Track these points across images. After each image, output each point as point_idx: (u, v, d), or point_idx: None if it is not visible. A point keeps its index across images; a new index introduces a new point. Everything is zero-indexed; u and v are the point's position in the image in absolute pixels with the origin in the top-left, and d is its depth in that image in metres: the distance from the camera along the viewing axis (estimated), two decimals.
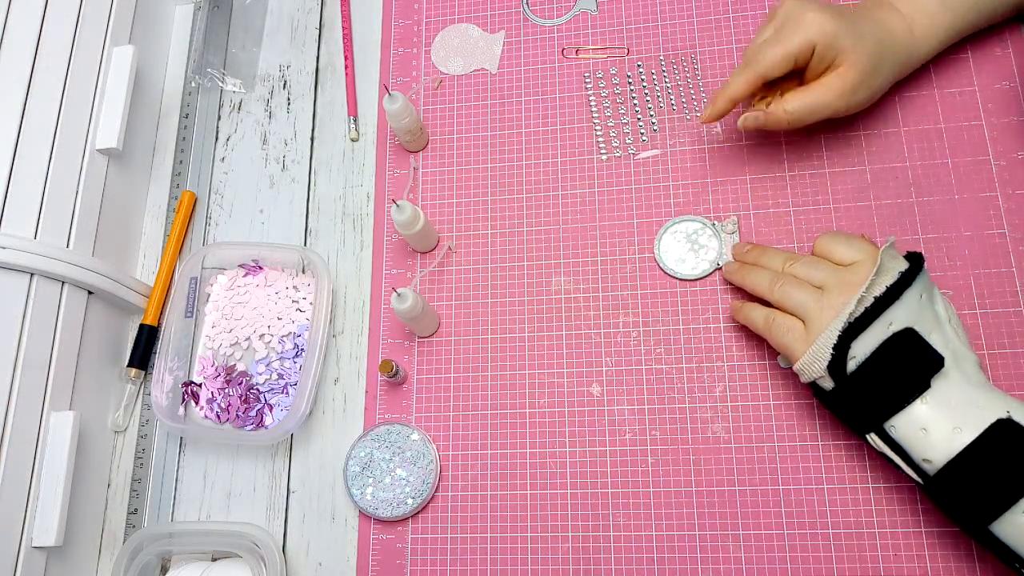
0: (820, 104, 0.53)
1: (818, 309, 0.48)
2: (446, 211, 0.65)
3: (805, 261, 0.52)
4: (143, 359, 0.65)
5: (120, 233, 0.67)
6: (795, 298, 0.50)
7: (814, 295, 0.49)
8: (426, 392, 0.60)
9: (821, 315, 0.48)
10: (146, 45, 0.72)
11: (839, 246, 0.51)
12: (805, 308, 0.49)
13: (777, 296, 0.52)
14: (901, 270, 0.47)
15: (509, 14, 0.70)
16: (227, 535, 0.58)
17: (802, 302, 0.50)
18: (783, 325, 0.50)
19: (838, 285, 0.48)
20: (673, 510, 0.55)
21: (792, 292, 0.50)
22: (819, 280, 0.50)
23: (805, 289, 0.50)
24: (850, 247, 0.50)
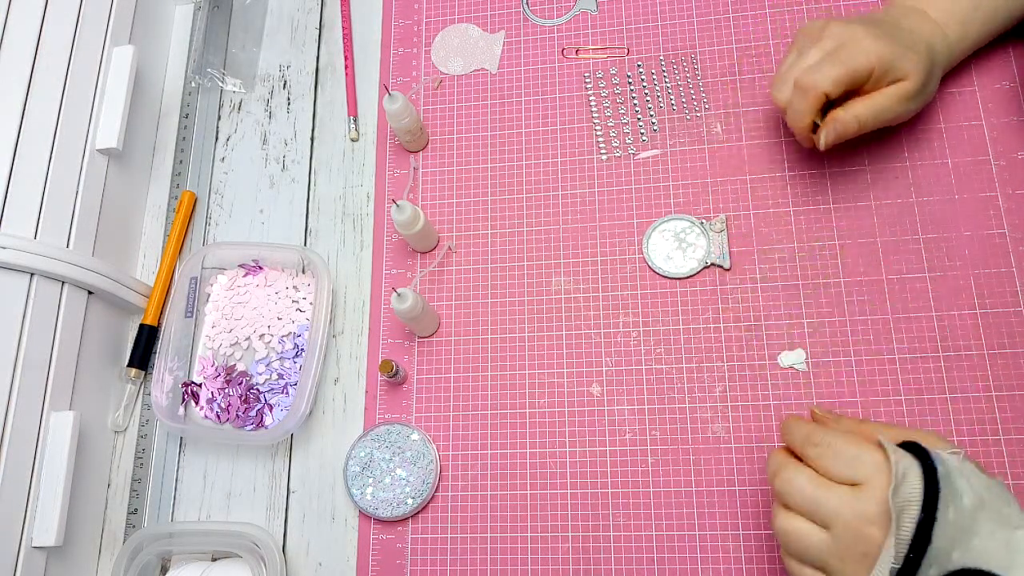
0: (885, 109, 0.53)
1: (838, 562, 0.40)
2: (446, 211, 0.65)
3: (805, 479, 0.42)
4: (143, 359, 0.65)
5: (120, 233, 0.67)
6: (806, 552, 0.42)
7: (825, 544, 0.41)
8: (426, 392, 0.60)
9: (844, 570, 0.40)
10: (146, 45, 0.72)
11: (827, 458, 0.42)
12: (822, 561, 0.41)
13: (781, 541, 0.44)
14: (917, 510, 0.38)
15: (509, 14, 0.70)
16: (227, 535, 0.58)
17: (816, 556, 0.42)
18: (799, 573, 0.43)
19: (851, 530, 0.40)
20: (673, 510, 0.55)
21: (797, 541, 0.42)
22: (824, 517, 0.41)
23: (813, 538, 0.42)
24: (841, 460, 0.42)
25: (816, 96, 0.52)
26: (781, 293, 0.58)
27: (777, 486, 0.44)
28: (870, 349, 0.55)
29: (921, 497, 0.39)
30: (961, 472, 0.40)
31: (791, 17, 0.64)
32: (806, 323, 0.57)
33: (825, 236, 0.58)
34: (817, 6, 0.64)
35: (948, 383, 0.54)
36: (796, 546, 0.42)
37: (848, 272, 0.57)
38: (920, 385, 0.54)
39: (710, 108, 0.63)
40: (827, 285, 0.57)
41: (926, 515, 0.38)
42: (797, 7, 0.64)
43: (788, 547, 0.43)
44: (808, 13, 0.64)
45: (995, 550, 0.39)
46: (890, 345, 0.55)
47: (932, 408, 0.53)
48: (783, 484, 0.43)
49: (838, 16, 0.63)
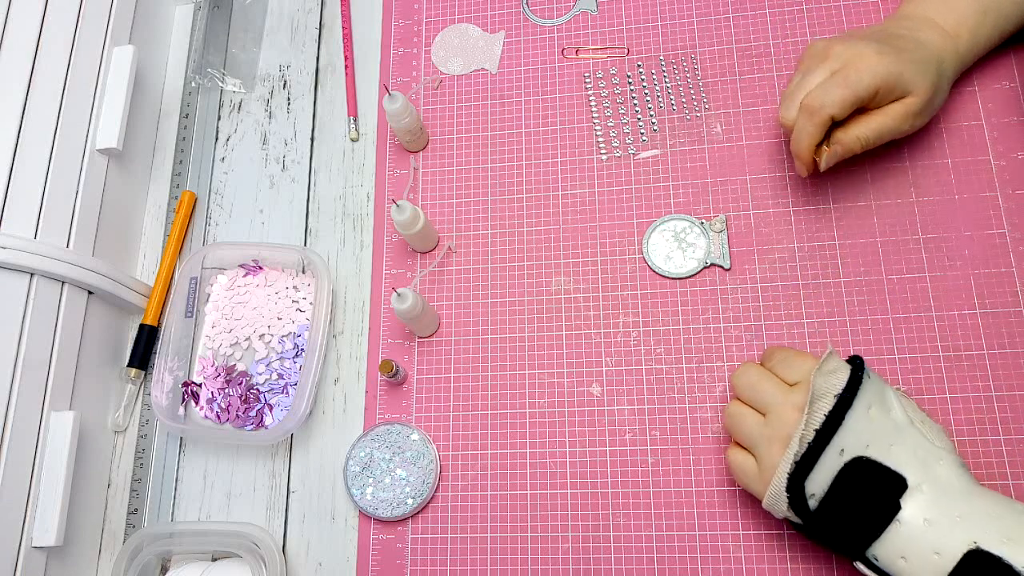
0: (888, 129, 0.52)
1: (765, 443, 0.47)
2: (446, 211, 0.65)
3: (756, 373, 0.50)
4: (143, 359, 0.65)
5: (120, 233, 0.67)
6: (742, 430, 0.49)
7: (758, 426, 0.48)
8: (426, 392, 0.60)
9: (769, 450, 0.47)
10: (146, 45, 0.72)
11: (780, 367, 0.49)
12: (752, 441, 0.48)
13: (727, 424, 0.51)
14: (837, 392, 0.45)
15: (509, 14, 0.70)
16: (227, 535, 0.58)
17: (748, 434, 0.48)
18: (738, 465, 0.49)
19: (779, 413, 0.47)
20: (673, 510, 0.55)
21: (739, 422, 0.49)
22: (763, 403, 0.48)
23: (749, 419, 0.48)
24: (790, 367, 0.49)
25: (822, 119, 0.51)
26: (781, 293, 0.58)
27: (732, 380, 0.51)
28: (870, 349, 0.55)
29: (840, 391, 0.45)
30: (898, 397, 0.47)
31: (791, 17, 0.64)
32: (806, 323, 0.57)
33: (825, 236, 0.58)
34: (817, 6, 0.64)
35: (948, 383, 0.54)
36: (736, 428, 0.49)
37: (848, 272, 0.57)
38: (920, 385, 0.54)
39: (710, 108, 0.63)
40: (827, 285, 0.57)
41: (842, 396, 0.45)
42: (797, 7, 0.64)
43: (731, 429, 0.50)
44: (808, 13, 0.64)
45: (911, 462, 0.44)
46: (890, 345, 0.55)
47: (932, 408, 0.53)
48: (737, 378, 0.51)
49: (839, 22, 0.63)
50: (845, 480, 0.44)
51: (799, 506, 0.45)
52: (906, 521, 0.43)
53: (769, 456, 0.46)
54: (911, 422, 0.46)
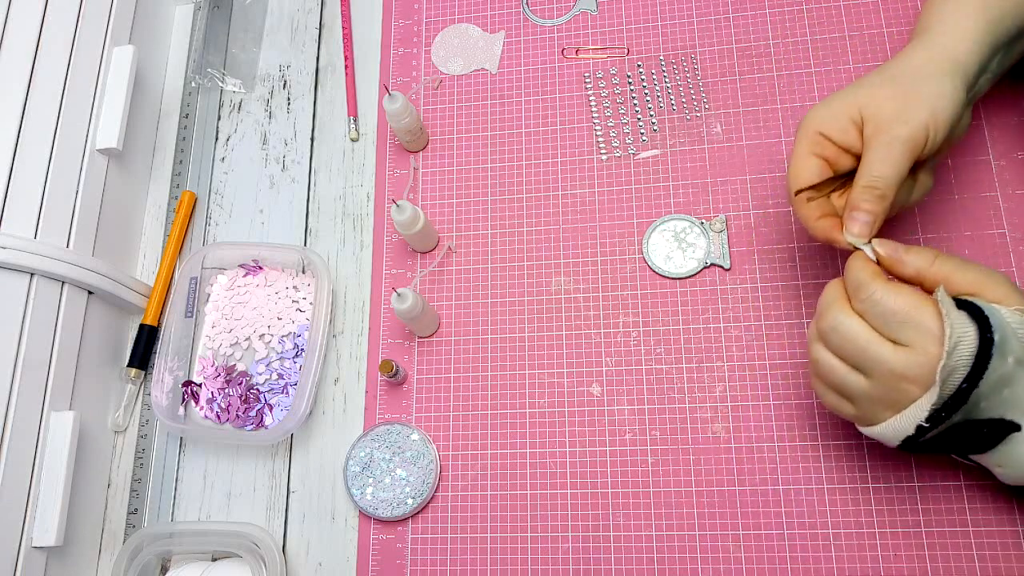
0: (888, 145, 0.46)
1: (868, 404, 0.43)
2: (446, 211, 0.65)
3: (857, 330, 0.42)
4: (143, 359, 0.65)
5: (120, 233, 0.67)
6: (839, 385, 0.44)
7: (859, 386, 0.43)
8: (426, 392, 0.60)
9: (872, 410, 0.43)
10: (146, 45, 0.72)
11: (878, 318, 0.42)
12: (851, 396, 0.44)
13: (815, 371, 0.46)
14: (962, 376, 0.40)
15: (509, 14, 0.70)
16: (227, 535, 0.58)
17: (846, 391, 0.44)
18: (830, 404, 0.46)
19: (887, 385, 0.41)
20: (673, 510, 0.55)
21: (831, 377, 0.44)
22: (864, 366, 0.42)
23: (846, 377, 0.43)
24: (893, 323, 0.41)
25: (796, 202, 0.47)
26: (781, 293, 0.58)
27: (822, 325, 0.44)
28: None
29: (969, 367, 0.40)
30: (1017, 331, 0.41)
31: (791, 17, 0.64)
32: (806, 323, 0.57)
33: None
34: (817, 6, 0.64)
35: None
36: (828, 379, 0.45)
37: None
38: None
39: (710, 108, 0.63)
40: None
41: (968, 384, 0.40)
42: (797, 7, 0.64)
43: (820, 376, 0.45)
44: (808, 13, 0.64)
45: (1018, 405, 0.41)
46: None
47: None
48: (829, 323, 0.43)
49: (839, 22, 0.63)
50: (957, 428, 0.42)
51: (911, 441, 0.43)
52: (1010, 442, 0.42)
53: (872, 410, 0.43)
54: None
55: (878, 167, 0.45)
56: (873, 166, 0.45)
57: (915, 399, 0.41)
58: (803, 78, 0.62)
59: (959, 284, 0.43)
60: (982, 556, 0.50)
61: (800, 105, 0.62)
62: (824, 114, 0.48)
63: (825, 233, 0.47)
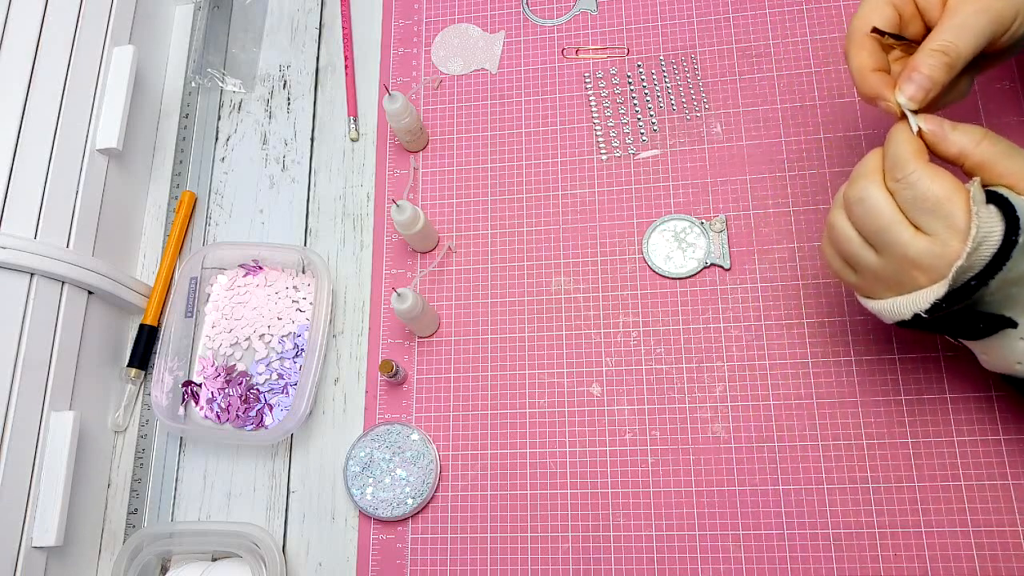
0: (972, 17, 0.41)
1: (872, 279, 0.43)
2: (446, 211, 0.65)
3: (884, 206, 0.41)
4: (143, 359, 0.65)
5: (120, 233, 0.67)
6: (850, 255, 0.43)
7: (869, 261, 0.42)
8: (426, 392, 0.60)
9: (874, 286, 0.43)
10: (146, 45, 0.72)
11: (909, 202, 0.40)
12: (857, 266, 0.43)
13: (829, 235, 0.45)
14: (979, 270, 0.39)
15: (509, 14, 0.70)
16: (227, 535, 0.58)
17: (855, 261, 0.43)
18: (836, 270, 0.45)
19: (900, 267, 0.41)
20: (673, 510, 0.55)
21: (845, 247, 0.43)
22: (880, 243, 0.41)
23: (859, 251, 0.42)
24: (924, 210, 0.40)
25: (855, 43, 0.43)
26: (781, 293, 0.58)
27: (849, 193, 0.42)
28: (870, 348, 0.55)
29: (983, 267, 0.39)
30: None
31: (791, 17, 0.64)
32: (806, 323, 0.57)
33: None
34: (817, 6, 0.64)
35: (948, 383, 0.54)
36: (840, 247, 0.43)
37: None
38: (920, 385, 0.54)
39: (710, 108, 0.63)
40: (827, 285, 0.57)
41: (977, 282, 0.39)
42: (797, 7, 0.64)
43: (832, 241, 0.44)
44: (808, 13, 0.64)
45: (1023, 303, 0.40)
46: (890, 345, 0.55)
47: (932, 408, 0.53)
48: (858, 192, 0.42)
49: (839, 23, 0.63)
50: (954, 315, 0.41)
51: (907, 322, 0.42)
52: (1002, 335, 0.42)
53: (874, 285, 0.43)
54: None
55: (955, 33, 0.41)
56: (950, 32, 0.41)
57: (920, 287, 0.40)
58: (803, 78, 0.62)
59: (1002, 171, 0.40)
60: (982, 556, 0.51)
61: (800, 105, 0.62)
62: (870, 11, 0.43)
63: (875, 89, 0.43)
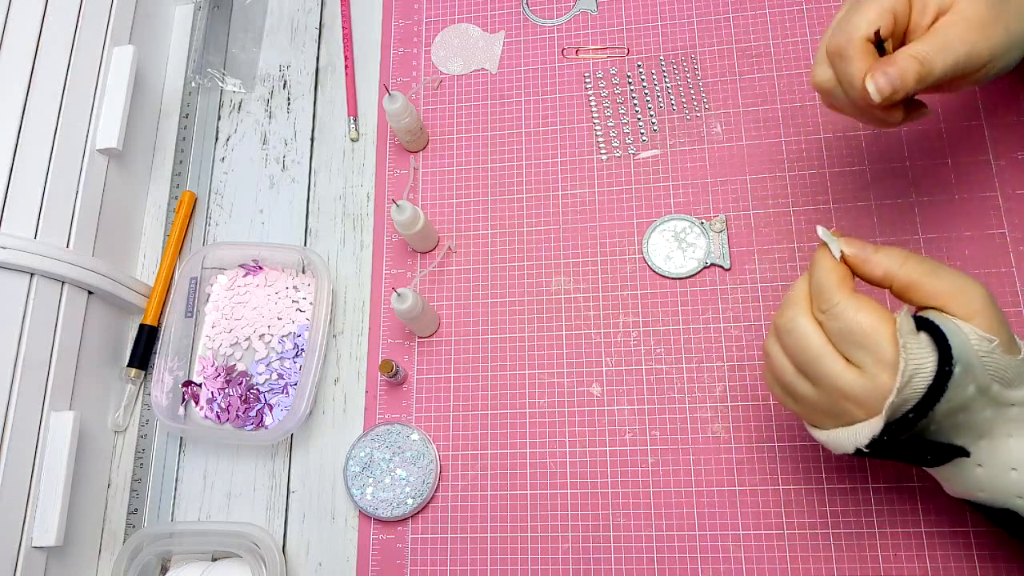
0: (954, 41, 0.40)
1: (812, 411, 0.42)
2: (446, 211, 0.65)
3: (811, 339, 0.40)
4: (143, 359, 0.65)
5: (120, 233, 0.67)
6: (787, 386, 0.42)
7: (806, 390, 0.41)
8: (426, 392, 0.60)
9: (817, 417, 0.42)
10: (146, 45, 0.72)
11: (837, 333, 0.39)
12: (796, 398, 0.42)
13: (767, 364, 0.44)
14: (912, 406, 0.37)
15: (509, 14, 0.70)
16: (227, 535, 0.58)
17: (793, 392, 0.42)
18: (777, 397, 0.44)
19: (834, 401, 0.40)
20: (673, 510, 0.55)
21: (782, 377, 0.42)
22: (812, 375, 0.40)
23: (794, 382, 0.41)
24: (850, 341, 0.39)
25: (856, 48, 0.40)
26: (781, 293, 0.58)
27: (779, 321, 0.41)
28: None
29: (919, 400, 0.37)
30: (982, 357, 0.37)
31: (791, 17, 0.64)
32: None
33: None
34: (817, 6, 0.64)
35: None
36: (776, 375, 0.43)
37: None
38: None
39: (710, 108, 0.63)
40: None
41: (916, 415, 0.37)
42: (797, 7, 0.64)
43: (770, 370, 0.43)
44: (808, 13, 0.64)
45: (977, 423, 0.39)
46: None
47: None
48: (786, 323, 0.41)
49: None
50: (903, 443, 0.40)
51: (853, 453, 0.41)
52: (958, 463, 0.40)
53: (814, 415, 0.42)
54: (987, 389, 0.38)
55: (935, 50, 0.40)
56: (931, 46, 0.40)
57: (858, 421, 0.39)
58: (803, 78, 0.62)
59: (929, 291, 0.39)
60: (982, 556, 0.50)
61: (800, 105, 0.62)
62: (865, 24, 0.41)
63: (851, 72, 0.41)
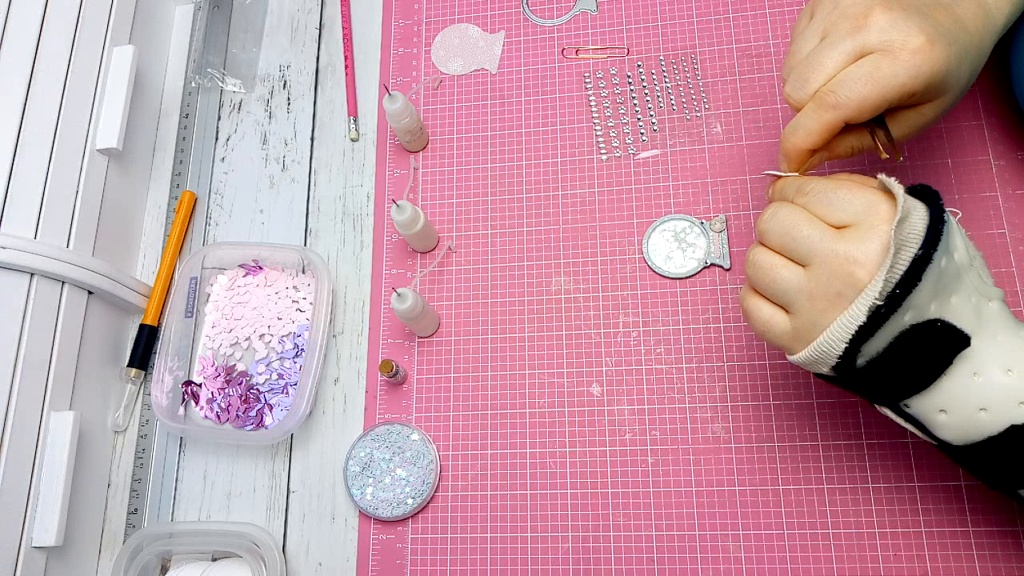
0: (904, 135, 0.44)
1: (806, 300, 0.39)
2: (446, 211, 0.65)
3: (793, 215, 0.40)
4: (143, 359, 0.65)
5: (120, 233, 0.67)
6: (774, 284, 0.40)
7: (797, 279, 0.39)
8: (426, 392, 0.60)
9: (811, 307, 0.39)
10: (146, 45, 0.72)
11: (819, 204, 0.39)
12: (787, 297, 0.40)
13: (749, 274, 0.41)
14: (915, 252, 0.37)
15: (509, 14, 0.70)
16: (227, 535, 0.58)
17: (782, 289, 0.40)
18: (762, 320, 0.41)
19: (829, 267, 0.38)
20: (673, 510, 0.55)
21: (768, 275, 0.40)
22: (803, 253, 0.39)
23: (784, 272, 0.40)
24: (834, 205, 0.39)
25: (835, 121, 0.41)
26: None
27: (759, 225, 0.41)
28: None
29: (923, 234, 0.37)
30: (958, 229, 0.39)
31: (791, 17, 0.64)
32: None
33: None
34: None
35: None
36: (763, 279, 0.40)
37: None
38: None
39: (710, 108, 0.63)
40: None
41: (924, 252, 0.37)
42: (797, 7, 0.64)
43: (755, 280, 0.41)
44: None
45: (967, 312, 0.39)
46: None
47: None
48: (767, 222, 0.40)
49: None
50: (903, 341, 0.38)
51: (843, 365, 0.39)
52: (953, 375, 0.39)
53: (810, 314, 0.39)
54: (971, 262, 0.39)
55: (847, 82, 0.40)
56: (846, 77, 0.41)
57: (861, 285, 0.37)
58: None
59: None
60: (982, 556, 0.51)
61: None
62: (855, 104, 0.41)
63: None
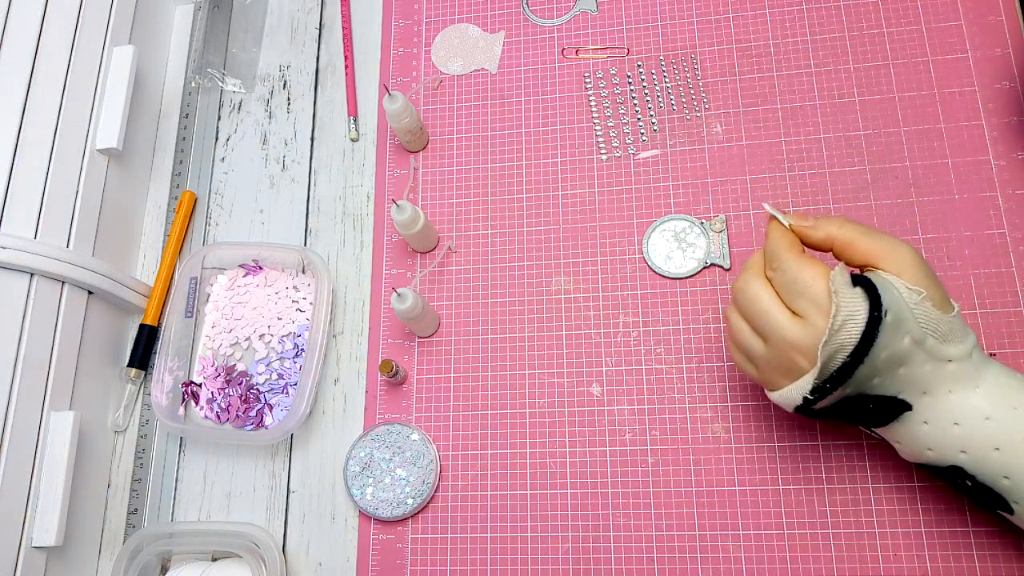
0: None
1: (766, 367, 0.45)
2: (446, 211, 0.65)
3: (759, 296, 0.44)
4: (143, 359, 0.65)
5: (120, 233, 0.67)
6: (742, 345, 0.46)
7: (759, 349, 0.45)
8: (426, 392, 0.60)
9: (770, 374, 0.45)
10: (146, 45, 0.72)
11: (784, 286, 0.43)
12: (752, 358, 0.46)
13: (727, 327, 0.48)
14: (849, 351, 0.41)
15: (509, 14, 0.70)
16: (227, 535, 0.58)
17: (748, 351, 0.46)
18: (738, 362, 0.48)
19: (781, 350, 0.43)
20: (673, 510, 0.55)
21: (738, 338, 0.46)
22: (763, 331, 0.44)
23: (750, 340, 0.45)
24: (795, 291, 0.42)
25: None
26: None
27: (737, 286, 0.46)
28: None
29: (854, 345, 0.41)
30: (914, 310, 0.41)
31: (791, 17, 0.64)
32: None
33: None
34: (817, 6, 0.64)
35: None
36: (735, 337, 0.47)
37: None
38: None
39: (710, 108, 0.63)
40: None
41: (852, 361, 0.41)
42: (797, 7, 0.64)
43: (730, 335, 0.48)
44: (808, 13, 0.64)
45: (918, 379, 0.42)
46: None
47: None
48: (739, 290, 0.46)
49: (839, 22, 0.63)
50: (849, 403, 0.44)
51: (804, 409, 0.45)
52: (904, 422, 0.44)
53: (769, 375, 0.45)
54: (923, 342, 0.42)
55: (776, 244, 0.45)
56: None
57: (803, 371, 0.42)
58: (803, 78, 0.62)
59: (864, 249, 0.44)
60: (982, 556, 0.51)
61: (800, 105, 0.62)
62: None
63: None
